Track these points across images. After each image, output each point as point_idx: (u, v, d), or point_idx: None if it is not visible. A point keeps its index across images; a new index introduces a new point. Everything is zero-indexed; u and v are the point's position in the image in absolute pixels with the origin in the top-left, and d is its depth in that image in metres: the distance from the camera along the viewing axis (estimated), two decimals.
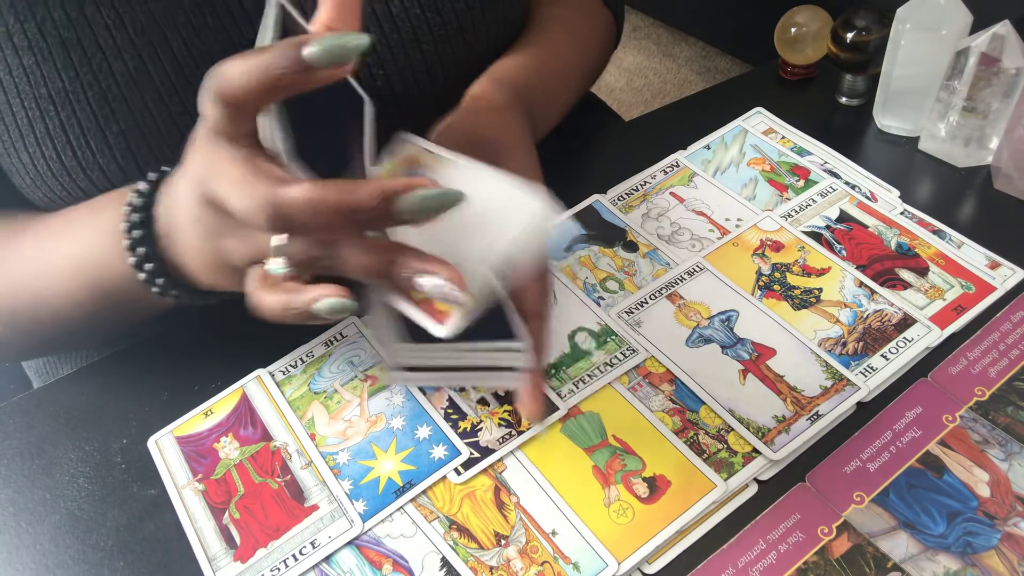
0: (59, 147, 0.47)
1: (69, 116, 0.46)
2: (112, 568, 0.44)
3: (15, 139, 0.47)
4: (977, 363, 0.49)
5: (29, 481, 0.47)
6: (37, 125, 0.47)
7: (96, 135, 0.47)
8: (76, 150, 0.47)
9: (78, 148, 0.47)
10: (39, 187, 0.49)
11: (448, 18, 0.53)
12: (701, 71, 1.98)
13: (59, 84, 0.46)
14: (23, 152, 0.48)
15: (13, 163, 0.49)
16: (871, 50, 0.63)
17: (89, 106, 0.46)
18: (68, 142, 0.47)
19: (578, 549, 0.43)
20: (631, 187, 0.61)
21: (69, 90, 0.46)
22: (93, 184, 0.48)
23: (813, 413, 0.47)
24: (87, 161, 0.47)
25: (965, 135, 0.60)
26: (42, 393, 0.52)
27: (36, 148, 0.47)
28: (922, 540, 0.42)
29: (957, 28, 0.58)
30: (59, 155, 0.47)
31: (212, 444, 0.48)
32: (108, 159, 0.48)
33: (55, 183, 0.49)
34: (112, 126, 0.47)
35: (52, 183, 0.49)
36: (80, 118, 0.46)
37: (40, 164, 0.48)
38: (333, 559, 0.43)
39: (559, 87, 0.59)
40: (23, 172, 0.49)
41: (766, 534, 0.43)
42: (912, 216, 0.58)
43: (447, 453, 0.47)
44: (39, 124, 0.47)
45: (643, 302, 0.53)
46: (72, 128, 0.47)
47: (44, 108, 0.46)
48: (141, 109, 0.47)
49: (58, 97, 0.46)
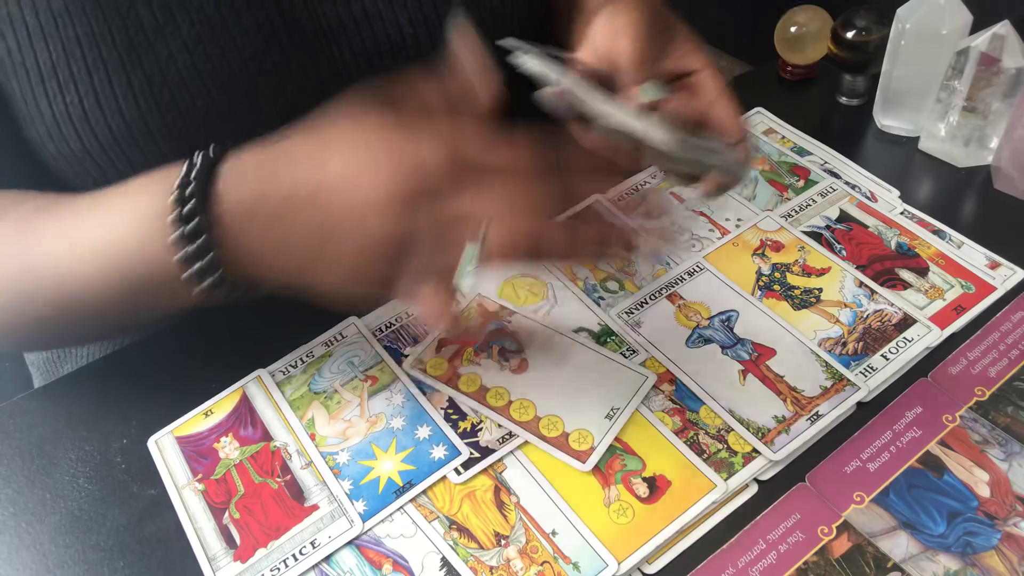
0: (82, 91, 0.47)
1: (95, 59, 0.46)
2: (112, 568, 0.44)
3: (35, 84, 0.47)
4: (977, 363, 0.49)
5: (29, 481, 0.47)
6: (61, 68, 0.47)
7: (120, 80, 0.47)
8: (99, 95, 0.47)
9: (101, 92, 0.47)
10: (53, 138, 0.49)
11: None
12: None
13: (87, 27, 0.46)
14: (42, 98, 0.48)
15: (31, 111, 0.48)
16: (871, 50, 0.63)
17: (116, 50, 0.46)
18: (92, 86, 0.47)
19: (578, 549, 0.43)
20: (631, 187, 0.61)
21: (97, 33, 0.46)
22: (111, 132, 0.48)
23: (813, 413, 0.47)
24: (109, 106, 0.47)
25: (965, 135, 0.60)
26: (42, 393, 0.52)
27: (58, 93, 0.47)
28: (922, 540, 0.42)
29: (957, 28, 0.58)
30: (81, 100, 0.47)
31: (212, 444, 0.48)
32: (130, 104, 0.48)
33: (71, 131, 0.48)
34: (137, 71, 0.47)
35: (68, 131, 0.48)
36: (106, 61, 0.47)
37: (59, 110, 0.48)
38: (333, 559, 0.43)
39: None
40: (39, 121, 0.48)
41: (766, 534, 0.43)
42: (912, 216, 0.58)
43: (447, 453, 0.47)
44: (63, 67, 0.47)
45: (643, 302, 0.53)
46: (97, 71, 0.47)
47: (70, 51, 0.46)
48: (166, 57, 0.47)
49: (85, 40, 0.46)
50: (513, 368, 0.50)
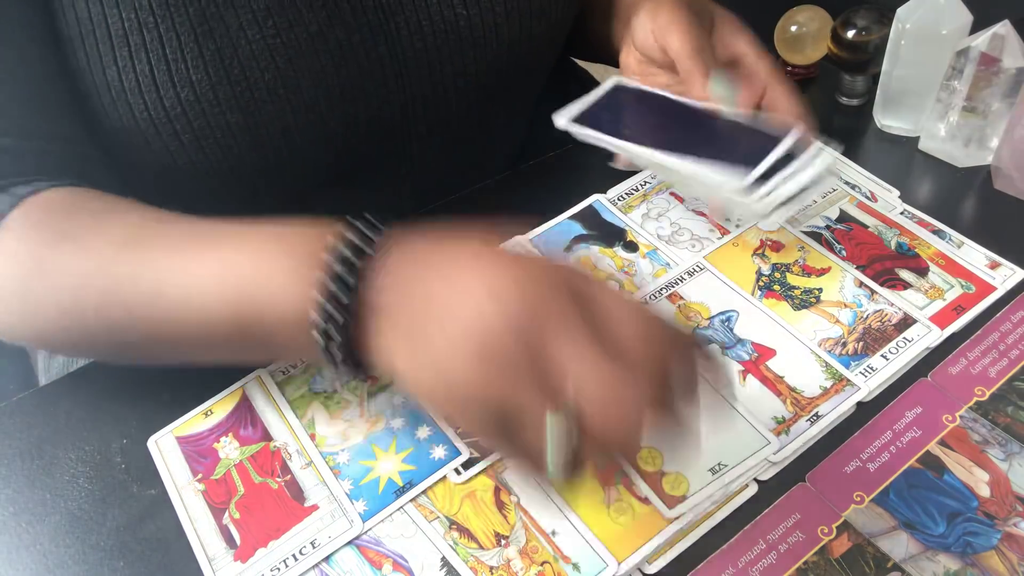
0: (153, 60, 0.48)
1: (168, 28, 0.47)
2: (112, 568, 0.44)
3: (104, 53, 0.48)
4: (977, 363, 0.49)
5: (29, 481, 0.47)
6: (133, 37, 0.47)
7: (192, 49, 0.48)
8: (170, 63, 0.48)
9: (172, 61, 0.48)
10: (119, 106, 0.49)
11: None
12: None
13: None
14: (111, 67, 0.48)
15: (96, 80, 0.49)
16: (871, 50, 0.63)
17: (189, 20, 0.47)
18: (163, 55, 0.48)
19: (578, 549, 0.43)
20: (631, 187, 0.61)
21: (170, 3, 0.47)
22: (179, 101, 0.49)
23: (813, 413, 0.47)
24: (180, 75, 0.48)
25: (965, 135, 0.60)
26: (42, 393, 0.52)
27: (128, 61, 0.48)
28: (922, 540, 0.42)
29: (957, 28, 0.58)
30: (152, 68, 0.48)
31: (212, 444, 0.48)
32: (200, 74, 0.48)
33: (138, 100, 0.49)
34: (209, 43, 0.48)
35: (135, 100, 0.49)
36: (178, 31, 0.47)
37: (128, 78, 0.48)
38: (333, 559, 0.43)
39: None
40: (105, 90, 0.49)
41: (766, 534, 0.43)
42: (912, 216, 0.58)
43: (447, 453, 0.47)
44: (135, 36, 0.47)
45: (643, 302, 0.53)
46: (170, 41, 0.47)
47: (143, 19, 0.47)
48: (236, 28, 0.48)
49: (159, 9, 0.47)
50: None
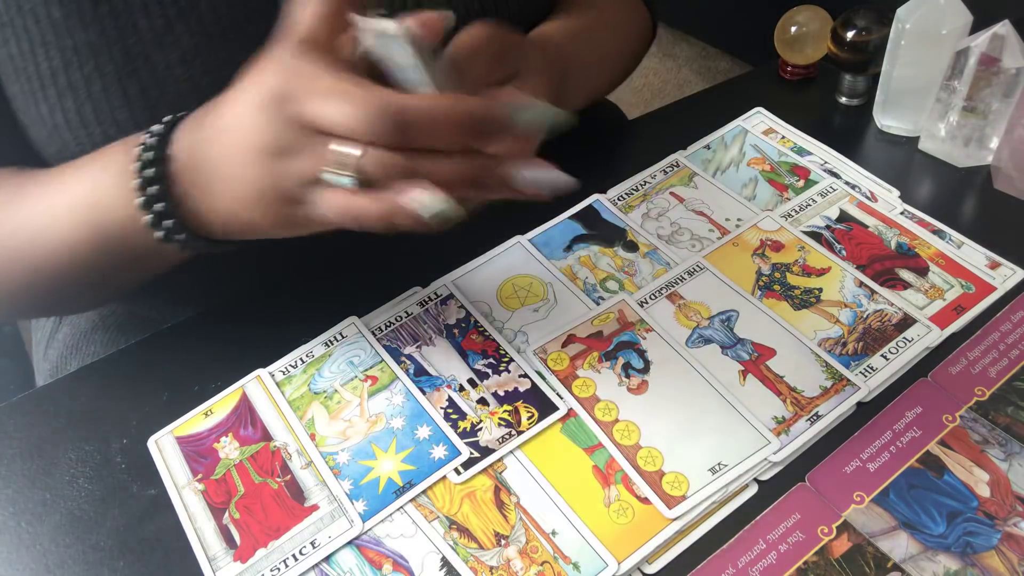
0: (79, 100, 0.47)
1: (92, 70, 0.47)
2: (112, 568, 0.44)
3: (36, 89, 0.48)
4: (977, 363, 0.49)
5: (29, 481, 0.47)
6: (59, 77, 0.47)
7: (116, 91, 0.47)
8: (96, 103, 0.48)
9: (97, 102, 0.48)
10: (54, 141, 0.49)
11: (470, 4, 0.54)
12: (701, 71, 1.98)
13: (84, 37, 0.46)
14: (43, 103, 0.48)
15: (31, 114, 0.49)
16: (871, 50, 0.63)
17: (112, 61, 0.47)
18: (89, 96, 0.47)
19: (578, 549, 0.43)
20: (631, 187, 0.61)
21: (95, 43, 0.46)
22: (108, 139, 0.48)
23: (813, 413, 0.47)
24: (105, 115, 0.48)
25: (965, 135, 0.60)
26: (42, 393, 0.52)
27: (56, 100, 0.48)
28: (922, 540, 0.42)
29: (957, 28, 0.58)
30: (79, 108, 0.48)
31: (212, 444, 0.48)
32: (126, 115, 0.48)
33: (70, 137, 0.49)
34: (133, 83, 0.47)
35: (67, 136, 0.49)
36: (103, 72, 0.47)
37: (58, 116, 0.48)
38: (333, 559, 0.43)
39: (595, 61, 0.59)
40: (40, 125, 0.49)
41: (766, 534, 0.43)
42: (912, 216, 0.58)
43: (447, 453, 0.47)
44: (61, 76, 0.47)
45: (643, 302, 0.53)
46: (94, 82, 0.47)
47: (68, 60, 0.47)
48: (163, 68, 0.48)
49: (84, 49, 0.47)
50: (632, 387, 0.49)
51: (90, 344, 0.65)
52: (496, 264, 0.57)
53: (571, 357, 0.51)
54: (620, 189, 0.61)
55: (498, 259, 0.57)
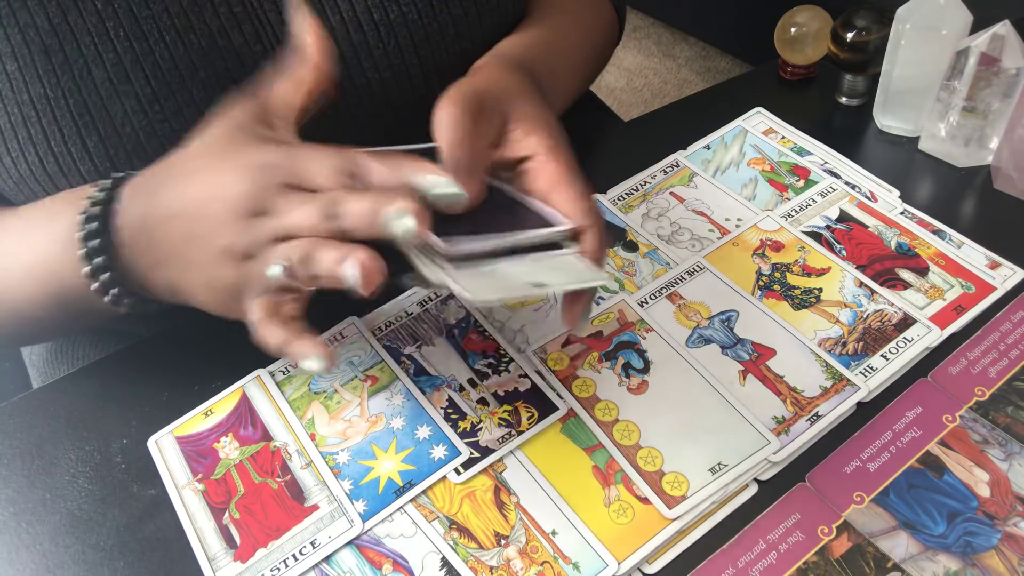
0: (41, 153, 0.47)
1: (50, 123, 0.46)
2: (112, 568, 0.44)
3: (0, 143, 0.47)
4: (977, 363, 0.49)
5: (29, 481, 0.47)
6: (20, 130, 0.47)
7: (76, 142, 0.47)
8: (57, 156, 0.47)
9: (59, 154, 0.47)
10: (22, 190, 0.49)
11: (444, 23, 0.53)
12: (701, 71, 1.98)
13: (40, 90, 0.46)
14: (6, 156, 0.48)
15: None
16: (871, 50, 0.63)
17: (70, 112, 0.46)
18: (49, 148, 0.47)
19: (578, 549, 0.43)
20: (631, 187, 0.61)
21: (50, 96, 0.46)
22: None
23: (813, 413, 0.47)
24: (67, 167, 0.48)
25: (965, 135, 0.60)
26: (42, 393, 0.52)
27: (19, 153, 0.47)
28: (922, 540, 0.42)
29: (957, 28, 0.58)
30: (41, 160, 0.47)
31: (212, 444, 0.48)
32: (88, 166, 0.48)
33: (37, 187, 0.49)
34: (92, 134, 0.47)
35: (34, 186, 0.49)
36: (61, 125, 0.47)
37: (23, 168, 0.48)
38: (333, 559, 0.43)
39: (564, 65, 0.58)
40: (6, 176, 0.49)
41: (766, 534, 0.43)
42: (912, 216, 0.58)
43: (447, 453, 0.47)
44: (21, 129, 0.47)
45: (643, 302, 0.53)
46: (53, 134, 0.47)
47: (26, 114, 0.46)
48: (121, 117, 0.47)
49: (39, 103, 0.46)
50: (632, 387, 0.49)
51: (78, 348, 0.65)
52: None
53: (571, 357, 0.51)
54: (620, 189, 0.61)
55: None
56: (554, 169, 0.43)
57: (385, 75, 0.53)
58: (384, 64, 0.53)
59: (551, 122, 0.46)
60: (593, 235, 0.42)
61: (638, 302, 0.53)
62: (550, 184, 0.43)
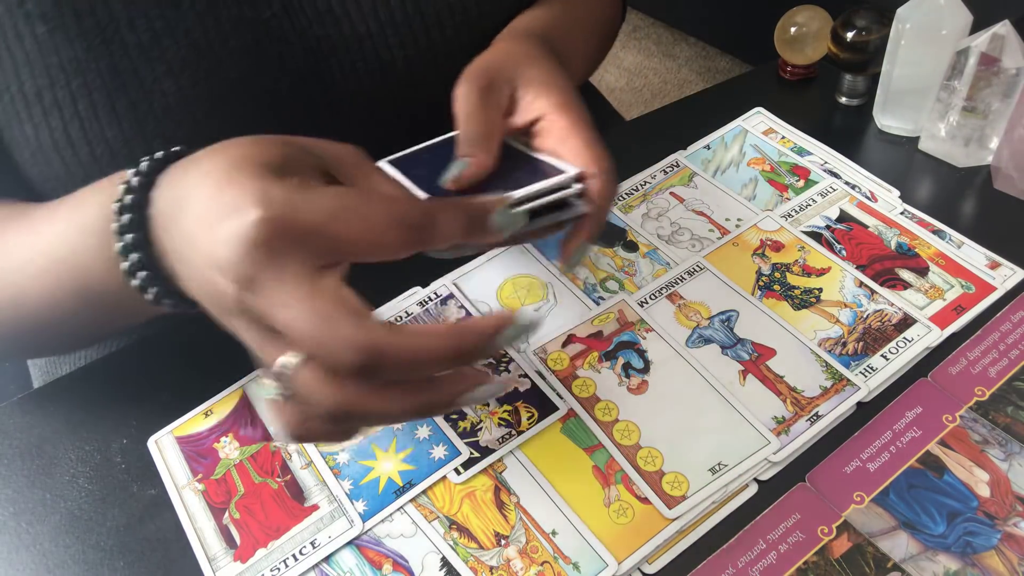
0: (66, 118, 0.47)
1: (79, 86, 0.46)
2: (112, 568, 0.44)
3: (20, 110, 0.47)
4: (977, 363, 0.49)
5: (29, 481, 0.47)
6: (45, 95, 0.46)
7: (105, 106, 0.47)
8: (84, 120, 0.47)
9: (86, 119, 0.47)
10: (38, 162, 0.48)
11: (469, 4, 0.54)
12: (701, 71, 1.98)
13: (71, 53, 0.46)
14: (27, 124, 0.47)
15: (16, 135, 0.48)
16: (871, 50, 0.63)
17: (100, 77, 0.46)
18: (76, 112, 0.47)
19: (578, 549, 0.43)
20: (631, 187, 0.61)
21: (81, 59, 0.46)
22: (94, 158, 0.48)
23: (813, 413, 0.47)
24: (93, 132, 0.47)
25: (965, 135, 0.60)
26: (42, 393, 0.52)
27: (42, 119, 0.47)
28: (922, 540, 0.42)
29: (957, 28, 0.58)
30: (65, 126, 0.47)
31: (212, 444, 0.48)
32: (115, 131, 0.47)
33: (56, 157, 0.48)
34: (121, 98, 0.47)
35: (53, 157, 0.48)
36: (91, 88, 0.46)
37: (44, 136, 0.47)
38: (333, 559, 0.43)
39: (578, 35, 0.60)
40: (24, 146, 0.48)
41: (766, 534, 0.43)
42: (912, 216, 0.58)
43: (447, 453, 0.47)
44: (47, 94, 0.46)
45: (643, 302, 0.53)
46: (82, 98, 0.46)
47: (55, 77, 0.46)
48: (151, 82, 0.47)
49: (70, 66, 0.46)
50: (632, 387, 0.49)
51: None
52: (496, 264, 0.57)
53: (571, 357, 0.51)
54: (620, 189, 0.61)
55: (498, 259, 0.57)
56: (562, 124, 0.45)
57: (410, 52, 0.54)
58: (410, 41, 0.53)
59: (560, 83, 0.47)
60: (598, 180, 0.43)
61: (638, 302, 0.53)
62: (559, 139, 0.45)
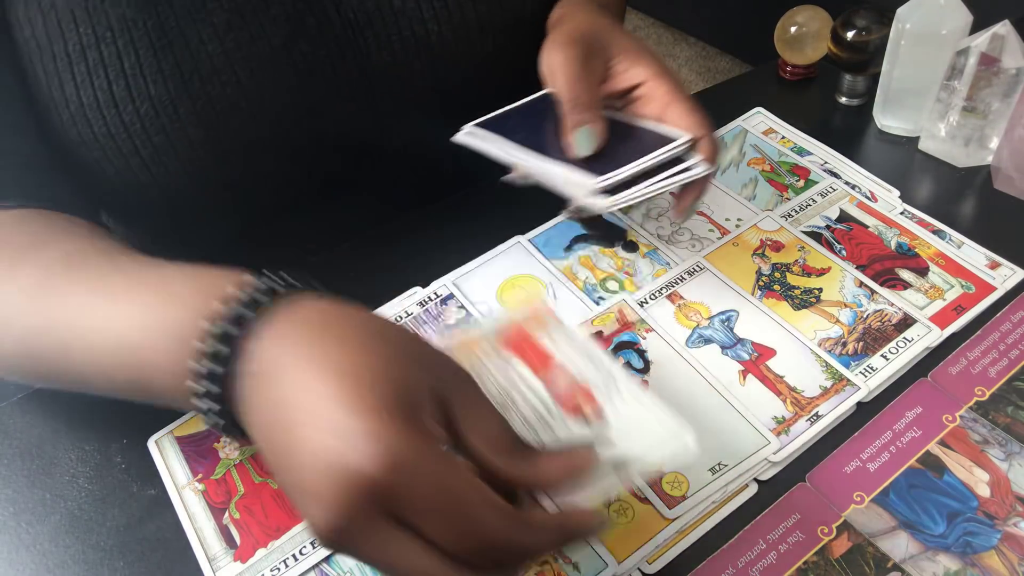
0: (112, 76, 0.47)
1: (127, 44, 0.47)
2: (112, 568, 0.44)
3: (62, 69, 0.47)
4: (977, 363, 0.49)
5: (29, 481, 0.47)
6: (91, 53, 0.47)
7: (151, 64, 0.48)
8: (129, 78, 0.48)
9: (131, 76, 0.48)
10: (77, 123, 0.49)
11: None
12: (701, 71, 1.98)
13: (120, 11, 0.47)
14: (69, 83, 0.48)
15: (55, 96, 0.48)
16: (871, 50, 0.63)
17: (148, 34, 0.47)
18: (122, 70, 0.47)
19: (578, 549, 0.43)
20: None
21: (129, 18, 0.47)
22: (139, 117, 0.48)
23: (813, 413, 0.47)
24: (138, 91, 0.48)
25: (965, 135, 0.60)
26: (42, 393, 0.52)
27: (86, 77, 0.47)
28: (922, 540, 0.42)
29: (957, 28, 0.58)
30: (110, 84, 0.47)
31: (212, 444, 0.48)
32: (160, 89, 0.48)
33: (97, 116, 0.48)
34: (168, 56, 0.48)
35: (94, 116, 0.48)
36: (137, 46, 0.47)
37: (87, 94, 0.48)
38: (333, 559, 0.43)
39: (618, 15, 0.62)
40: (63, 106, 0.48)
41: (766, 534, 0.43)
42: (912, 216, 0.58)
43: None
44: (93, 52, 0.47)
45: (643, 302, 0.53)
46: (129, 56, 0.47)
47: (101, 35, 0.47)
48: (197, 43, 0.48)
49: (118, 24, 0.47)
50: None
51: None
52: (496, 264, 0.57)
53: None
54: None
55: (498, 259, 0.57)
56: (664, 90, 0.48)
57: (444, 28, 0.54)
58: (444, 17, 0.54)
59: (651, 51, 0.49)
60: (708, 141, 0.47)
61: (638, 302, 0.53)
62: (662, 105, 0.48)
